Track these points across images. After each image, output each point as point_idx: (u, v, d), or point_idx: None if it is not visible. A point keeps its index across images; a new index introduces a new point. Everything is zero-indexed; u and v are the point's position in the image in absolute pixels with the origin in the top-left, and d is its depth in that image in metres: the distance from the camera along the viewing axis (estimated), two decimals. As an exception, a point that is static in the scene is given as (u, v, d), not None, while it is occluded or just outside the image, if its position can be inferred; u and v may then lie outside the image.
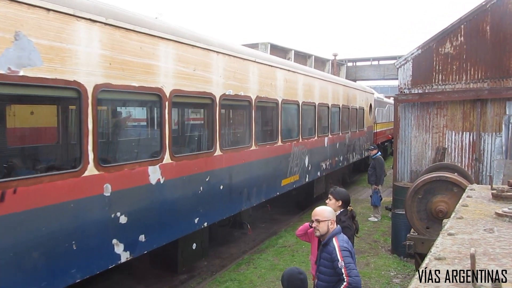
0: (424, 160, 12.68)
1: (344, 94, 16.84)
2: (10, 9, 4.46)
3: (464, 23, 12.23)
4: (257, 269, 9.49)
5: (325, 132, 14.69)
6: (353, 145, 18.58)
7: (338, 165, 16.46)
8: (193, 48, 7.39)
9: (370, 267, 9.59)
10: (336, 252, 4.53)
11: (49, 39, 4.90)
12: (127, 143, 9.01)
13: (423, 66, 12.66)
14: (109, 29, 5.67)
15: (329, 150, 15.01)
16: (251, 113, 9.58)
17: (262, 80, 10.03)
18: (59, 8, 5.01)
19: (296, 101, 12.09)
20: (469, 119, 12.06)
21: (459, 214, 3.36)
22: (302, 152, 12.43)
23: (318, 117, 13.81)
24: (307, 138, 12.90)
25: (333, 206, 5.91)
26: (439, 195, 7.69)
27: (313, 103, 13.34)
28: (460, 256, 2.33)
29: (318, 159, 13.95)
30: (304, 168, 12.72)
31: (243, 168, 9.30)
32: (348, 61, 35.63)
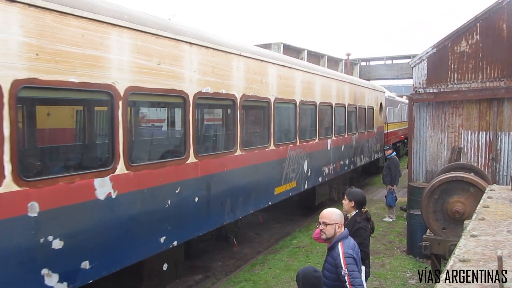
0: (440, 160, 11.51)
1: (350, 92, 14.89)
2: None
3: (480, 21, 10.90)
4: (271, 269, 8.96)
5: (328, 134, 12.95)
6: (361, 147, 16.50)
7: (343, 169, 14.44)
8: (157, 38, 6.05)
9: (385, 268, 8.94)
10: (340, 259, 4.30)
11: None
12: (65, 151, 7.51)
13: (438, 65, 11.51)
14: (35, 12, 4.34)
15: (333, 153, 13.26)
16: (235, 114, 8.16)
17: (250, 76, 8.57)
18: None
19: (293, 100, 10.56)
20: (485, 118, 11.09)
21: (480, 215, 3.24)
22: (300, 156, 10.91)
23: (320, 117, 12.16)
24: (306, 141, 11.31)
25: (347, 207, 5.72)
26: (455, 195, 7.43)
27: (313, 102, 11.71)
28: (484, 258, 2.21)
29: (319, 163, 12.23)
30: (303, 174, 11.12)
31: (225, 176, 7.87)
32: (362, 60, 35.01)
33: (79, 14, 4.88)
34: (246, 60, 8.48)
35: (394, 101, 27.11)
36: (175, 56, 6.50)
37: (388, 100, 24.25)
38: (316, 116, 12.01)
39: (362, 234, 5.37)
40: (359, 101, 16.12)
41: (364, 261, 5.28)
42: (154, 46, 6.03)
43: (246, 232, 11.63)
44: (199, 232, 7.33)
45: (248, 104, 8.90)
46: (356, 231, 5.36)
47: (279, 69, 9.86)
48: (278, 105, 9.89)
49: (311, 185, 11.87)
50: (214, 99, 7.83)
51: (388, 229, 11.90)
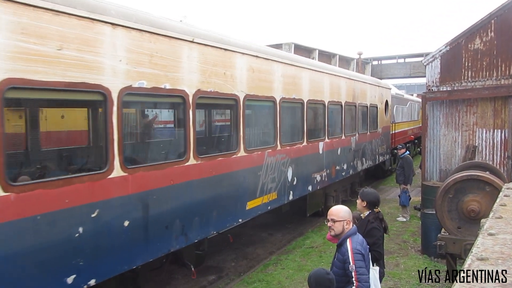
0: (454, 159, 11.29)
1: (348, 89, 13.33)
2: None
3: (494, 18, 10.67)
4: (284, 269, 8.95)
5: (320, 136, 11.52)
6: (363, 150, 14.98)
7: (340, 175, 12.97)
8: (55, 16, 4.61)
9: (400, 268, 8.90)
10: (349, 254, 4.34)
11: None
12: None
13: (451, 63, 11.30)
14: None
15: (326, 157, 11.74)
16: (187, 114, 6.56)
17: (208, 68, 6.98)
18: None
19: (271, 98, 9.00)
20: (500, 116, 10.89)
21: (497, 213, 3.15)
22: (282, 163, 9.41)
23: (308, 117, 10.72)
24: (290, 144, 9.79)
25: (360, 207, 5.66)
26: (470, 194, 7.34)
27: (299, 100, 10.15)
28: (503, 256, 2.15)
29: (308, 169, 10.74)
30: (286, 183, 9.60)
31: (172, 192, 6.29)
32: (374, 59, 34.82)
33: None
34: (202, 49, 6.84)
35: (402, 99, 25.40)
36: (88, 40, 5.02)
37: (396, 98, 22.76)
38: (303, 116, 10.45)
39: (375, 234, 5.34)
40: (360, 99, 14.55)
41: (378, 261, 5.26)
42: (51, 26, 4.61)
43: (258, 233, 11.63)
44: (133, 264, 5.77)
45: (206, 102, 7.55)
46: (369, 231, 5.34)
47: (250, 61, 8.21)
48: (250, 103, 8.41)
49: (298, 195, 10.30)
50: (153, 95, 6.17)
51: (402, 229, 11.81)
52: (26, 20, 4.41)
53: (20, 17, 4.36)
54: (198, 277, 8.75)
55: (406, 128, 26.00)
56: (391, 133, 20.15)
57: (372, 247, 5.15)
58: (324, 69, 11.79)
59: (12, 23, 4.29)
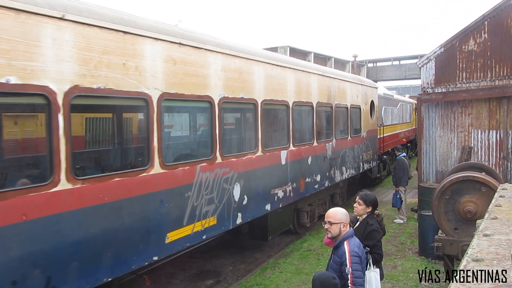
0: (450, 160, 11.45)
1: (321, 87, 11.38)
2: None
3: (488, 20, 10.86)
4: (282, 273, 8.90)
5: (282, 144, 9.52)
6: (342, 157, 12.87)
7: (312, 188, 10.96)
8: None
9: (397, 270, 8.84)
10: (346, 256, 4.33)
11: None
12: None
13: (446, 64, 11.45)
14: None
15: (292, 168, 9.80)
16: (53, 120, 4.66)
17: (95, 57, 5.13)
18: None
19: (205, 97, 7.00)
20: (495, 117, 11.00)
21: (493, 214, 3.21)
22: (224, 179, 7.46)
23: (263, 121, 8.69)
24: (236, 155, 7.87)
25: (362, 211, 5.58)
26: (467, 195, 7.35)
27: (249, 100, 8.19)
28: (498, 257, 2.18)
29: (266, 185, 8.79)
30: (231, 204, 7.66)
31: (26, 231, 4.37)
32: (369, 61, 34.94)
33: None
34: (81, 30, 4.98)
35: (392, 100, 23.41)
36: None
37: (384, 98, 20.91)
38: (257, 120, 8.47)
39: (375, 237, 5.35)
40: (338, 99, 12.56)
41: (377, 263, 5.27)
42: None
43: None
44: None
45: (90, 103, 5.86)
46: (369, 233, 5.34)
47: (170, 49, 6.32)
48: (170, 104, 6.53)
49: (251, 217, 8.33)
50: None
51: (399, 231, 11.84)
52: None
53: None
54: (197, 281, 8.76)
55: (397, 131, 24.17)
56: (379, 137, 18.30)
57: (373, 249, 5.16)
58: (286, 63, 9.72)
59: None
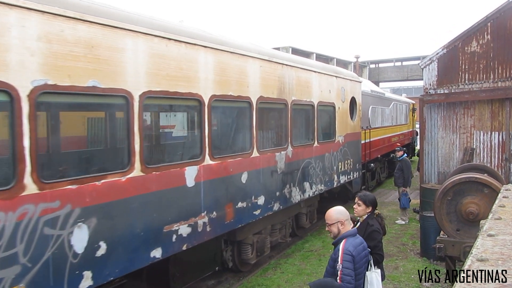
0: (452, 161, 11.44)
1: (265, 77, 8.47)
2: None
3: (491, 21, 10.87)
4: (284, 273, 8.88)
5: (190, 156, 6.89)
6: (304, 170, 10.04)
7: (250, 216, 8.11)
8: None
9: (399, 271, 8.82)
10: (339, 254, 4.36)
11: None
12: None
13: (448, 65, 11.44)
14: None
15: (209, 191, 6.90)
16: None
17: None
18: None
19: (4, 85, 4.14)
20: (497, 118, 10.98)
21: (497, 215, 3.22)
22: (47, 220, 4.52)
23: (146, 124, 6.32)
24: (78, 180, 4.88)
25: (362, 212, 5.50)
26: (469, 196, 7.33)
27: (113, 90, 5.27)
28: (503, 257, 2.19)
29: (151, 221, 5.85)
30: (64, 260, 4.72)
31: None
32: (371, 62, 34.95)
33: None
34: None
35: (383, 99, 20.15)
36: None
37: (373, 96, 17.86)
38: (130, 123, 5.54)
39: (376, 237, 5.34)
40: (297, 94, 9.69)
41: (379, 264, 5.27)
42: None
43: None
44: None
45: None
46: (370, 234, 5.33)
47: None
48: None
49: (114, 274, 5.42)
50: None
51: (401, 232, 11.83)
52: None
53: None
54: (198, 281, 8.74)
55: (390, 134, 20.87)
56: (365, 142, 15.66)
57: (374, 250, 5.15)
58: (196, 38, 6.65)
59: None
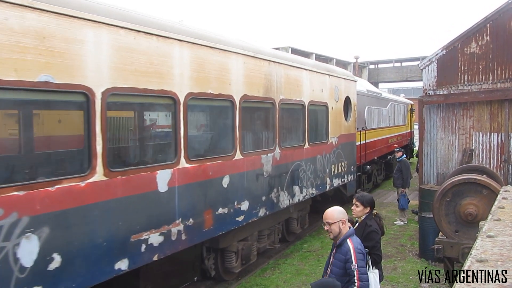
0: (451, 162, 11.43)
1: (250, 75, 7.94)
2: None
3: (490, 22, 10.86)
4: (282, 274, 8.87)
5: (163, 159, 6.26)
6: (294, 173, 9.49)
7: (232, 222, 7.54)
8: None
9: (397, 272, 8.82)
10: (351, 254, 4.37)
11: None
12: None
13: (448, 66, 11.44)
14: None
15: (184, 197, 6.37)
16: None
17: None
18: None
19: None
20: (496, 119, 10.96)
21: (496, 216, 3.20)
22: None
23: (110, 125, 5.45)
24: (29, 186, 4.43)
25: (360, 213, 5.55)
26: (468, 197, 7.33)
27: (72, 86, 4.78)
28: (502, 258, 2.18)
29: (115, 229, 5.32)
30: (9, 275, 4.23)
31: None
32: (370, 63, 35.06)
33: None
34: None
35: (380, 99, 19.55)
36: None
37: (369, 96, 17.31)
38: (90, 122, 5.04)
39: (374, 238, 5.35)
40: (286, 93, 9.15)
41: (377, 264, 5.28)
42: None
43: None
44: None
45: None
46: (368, 234, 5.35)
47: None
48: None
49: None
50: None
51: (399, 233, 11.83)
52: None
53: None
54: (196, 281, 8.72)
55: (387, 135, 20.31)
56: (360, 144, 15.15)
57: (372, 251, 5.17)
58: (172, 31, 6.17)
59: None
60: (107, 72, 5.19)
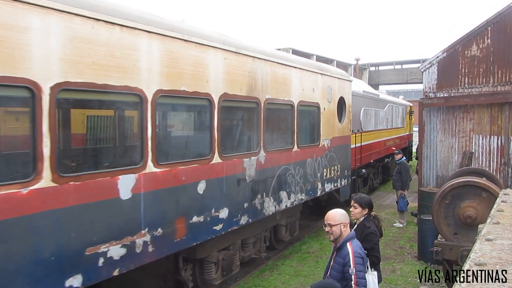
0: (451, 165, 11.42)
1: (232, 72, 7.34)
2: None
3: (491, 25, 10.84)
4: (281, 275, 8.87)
5: (129, 164, 5.62)
6: (281, 178, 8.90)
7: (209, 231, 6.90)
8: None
9: (396, 274, 8.82)
10: (350, 257, 4.33)
11: None
12: None
13: (448, 69, 11.41)
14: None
15: (152, 205, 5.78)
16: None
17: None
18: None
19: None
20: (496, 122, 10.95)
21: (495, 219, 3.21)
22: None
23: (63, 124, 5.55)
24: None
25: (359, 215, 5.54)
26: (467, 200, 7.30)
27: (22, 81, 4.29)
28: (501, 261, 2.17)
29: (64, 242, 4.69)
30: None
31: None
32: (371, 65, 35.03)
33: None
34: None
35: (377, 100, 18.93)
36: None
37: (365, 97, 16.67)
38: (36, 122, 4.46)
39: (372, 239, 5.36)
40: (272, 92, 8.55)
41: (375, 266, 5.28)
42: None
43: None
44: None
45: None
46: (366, 236, 5.35)
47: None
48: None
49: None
50: None
51: (398, 235, 11.83)
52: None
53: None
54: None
55: (384, 138, 19.72)
56: (355, 147, 14.62)
57: (370, 252, 5.16)
58: (136, 21, 5.54)
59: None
60: (57, 64, 4.57)
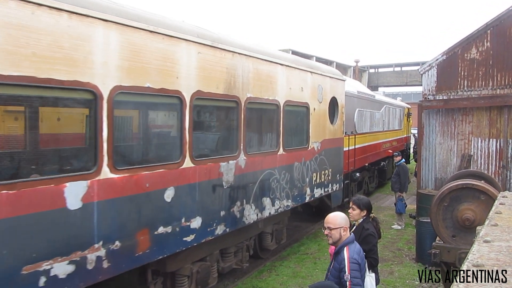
0: (449, 168, 11.43)
1: (210, 67, 6.63)
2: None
3: (491, 28, 10.87)
4: (279, 276, 8.86)
5: (79, 169, 4.98)
6: (264, 183, 8.18)
7: (178, 243, 6.15)
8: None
9: (394, 276, 8.83)
10: (345, 263, 4.29)
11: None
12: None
13: (448, 72, 11.44)
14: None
15: (108, 215, 5.06)
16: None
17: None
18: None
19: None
20: (495, 125, 10.97)
21: (493, 221, 3.21)
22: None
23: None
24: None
25: (357, 216, 5.56)
26: (465, 203, 7.31)
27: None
28: (499, 263, 2.17)
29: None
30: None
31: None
32: (370, 67, 35.14)
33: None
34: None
35: (373, 101, 18.18)
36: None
37: (360, 98, 15.97)
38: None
39: (371, 241, 5.36)
40: (254, 91, 7.81)
41: (373, 268, 5.27)
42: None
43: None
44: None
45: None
46: (365, 238, 5.35)
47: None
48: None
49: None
50: None
51: (396, 237, 11.83)
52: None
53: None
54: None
55: (380, 140, 18.99)
56: (348, 149, 13.98)
57: (368, 254, 5.16)
58: (92, 8, 4.85)
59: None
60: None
